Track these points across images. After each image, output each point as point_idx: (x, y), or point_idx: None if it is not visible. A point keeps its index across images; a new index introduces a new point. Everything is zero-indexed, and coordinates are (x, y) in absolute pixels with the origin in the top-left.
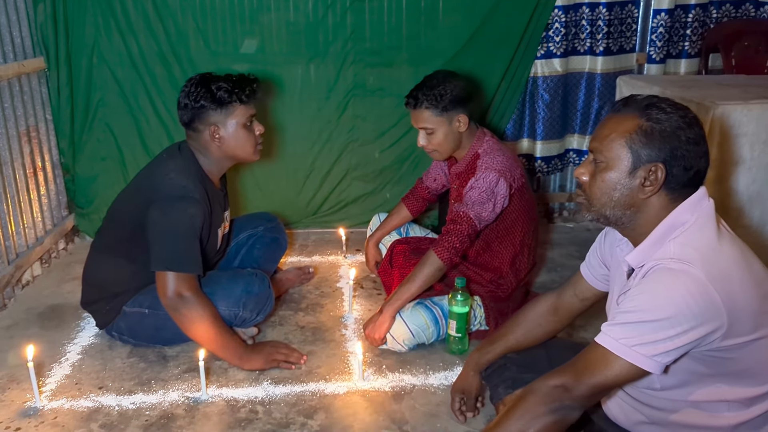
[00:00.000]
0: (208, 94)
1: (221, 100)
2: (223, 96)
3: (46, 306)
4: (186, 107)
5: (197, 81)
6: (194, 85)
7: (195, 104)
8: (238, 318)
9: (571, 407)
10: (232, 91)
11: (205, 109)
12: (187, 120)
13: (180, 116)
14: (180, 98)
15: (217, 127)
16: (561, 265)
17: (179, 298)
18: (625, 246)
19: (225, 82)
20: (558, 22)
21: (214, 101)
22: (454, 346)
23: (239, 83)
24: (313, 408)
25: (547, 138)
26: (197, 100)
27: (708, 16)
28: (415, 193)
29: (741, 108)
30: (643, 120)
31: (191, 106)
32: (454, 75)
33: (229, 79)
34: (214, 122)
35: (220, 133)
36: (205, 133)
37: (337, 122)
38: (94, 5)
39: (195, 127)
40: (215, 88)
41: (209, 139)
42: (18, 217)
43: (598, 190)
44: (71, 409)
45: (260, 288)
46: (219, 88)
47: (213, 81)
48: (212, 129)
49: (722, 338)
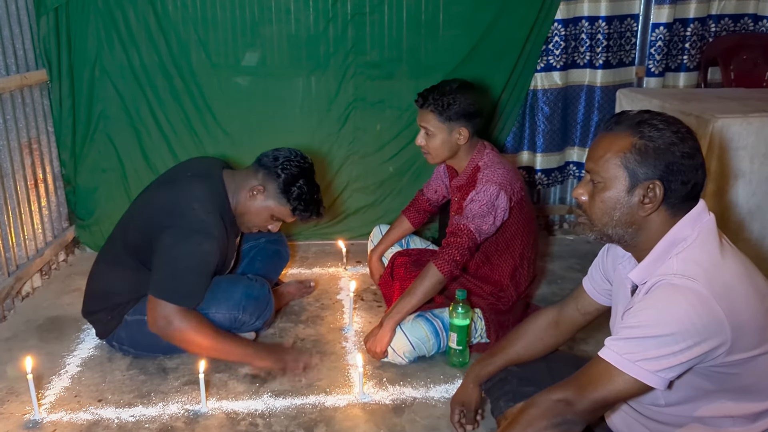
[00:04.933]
0: (290, 180)
1: (289, 193)
2: (294, 193)
3: (46, 318)
4: (273, 160)
5: (302, 168)
6: (296, 165)
7: (277, 169)
8: (237, 321)
9: (573, 422)
10: (301, 201)
11: (276, 179)
12: (261, 163)
13: (262, 155)
14: (278, 150)
15: (262, 192)
16: (561, 278)
17: (167, 325)
18: (627, 262)
19: (308, 193)
20: (558, 36)
21: (285, 187)
22: (454, 359)
23: (312, 204)
24: (314, 421)
25: (547, 150)
26: (282, 171)
27: (707, 29)
28: (416, 205)
29: (740, 121)
30: (636, 138)
31: (274, 165)
32: (470, 87)
33: (312, 193)
34: (266, 188)
35: (258, 197)
36: (253, 182)
37: (337, 134)
38: (97, 18)
39: (258, 171)
40: (299, 185)
41: (250, 187)
42: (18, 228)
43: (598, 210)
44: (70, 422)
45: (260, 292)
46: (300, 188)
47: (307, 181)
48: (259, 187)
49: (726, 354)
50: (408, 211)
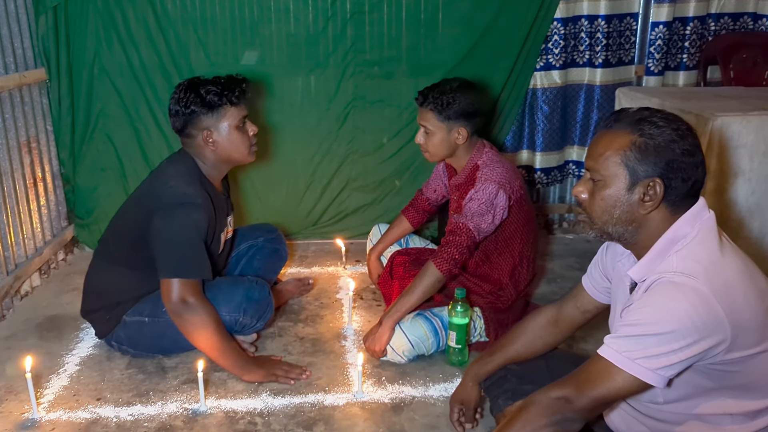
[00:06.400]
0: (198, 99)
1: (211, 103)
2: (212, 99)
3: (45, 317)
4: (177, 114)
5: (186, 86)
6: (183, 90)
7: (186, 110)
8: (238, 324)
9: (572, 419)
10: (221, 93)
11: (196, 114)
12: (179, 126)
13: (172, 123)
14: (170, 105)
15: (210, 131)
16: (561, 277)
17: (183, 303)
18: (627, 260)
19: (214, 85)
20: (557, 35)
21: (204, 105)
22: (453, 358)
23: (228, 85)
24: (313, 420)
25: (547, 149)
26: (188, 106)
27: (706, 28)
28: (416, 204)
29: (740, 119)
30: (636, 135)
31: (182, 112)
32: (470, 87)
33: (217, 82)
34: (207, 126)
35: (214, 137)
36: (199, 138)
37: (337, 133)
38: (96, 17)
39: (188, 133)
40: (204, 91)
41: (203, 143)
42: (17, 227)
43: (598, 208)
44: (69, 421)
45: (261, 294)
46: (208, 91)
47: (202, 85)
48: (205, 134)
49: (726, 351)
50: (407, 211)
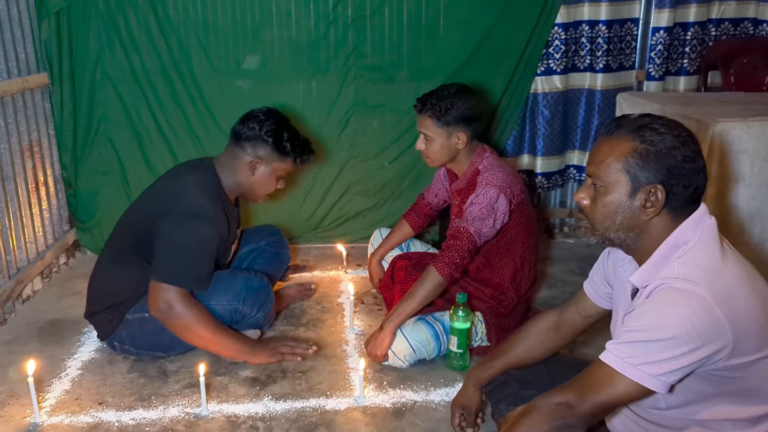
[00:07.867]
0: (278, 138)
1: (284, 149)
2: (287, 147)
3: (47, 321)
4: (252, 130)
5: (277, 121)
6: (273, 122)
7: (263, 134)
8: (238, 313)
9: (574, 425)
10: (295, 149)
11: (266, 145)
12: (242, 138)
13: (237, 130)
14: (249, 119)
15: (260, 163)
16: (562, 281)
17: (168, 309)
18: (628, 266)
19: (297, 139)
20: (558, 39)
21: (277, 144)
22: (455, 362)
23: (305, 147)
24: (314, 424)
25: (548, 154)
26: (268, 134)
27: (707, 33)
28: (417, 209)
29: (741, 125)
30: (638, 142)
31: (259, 134)
32: (468, 92)
33: (300, 137)
34: (263, 158)
35: (259, 168)
36: (247, 158)
37: (338, 138)
38: (98, 22)
39: (244, 146)
40: (287, 137)
41: (246, 164)
42: (19, 231)
43: (600, 214)
44: (71, 425)
45: (259, 284)
46: (289, 139)
47: (288, 130)
48: (256, 160)
49: (728, 357)
50: (409, 215)
